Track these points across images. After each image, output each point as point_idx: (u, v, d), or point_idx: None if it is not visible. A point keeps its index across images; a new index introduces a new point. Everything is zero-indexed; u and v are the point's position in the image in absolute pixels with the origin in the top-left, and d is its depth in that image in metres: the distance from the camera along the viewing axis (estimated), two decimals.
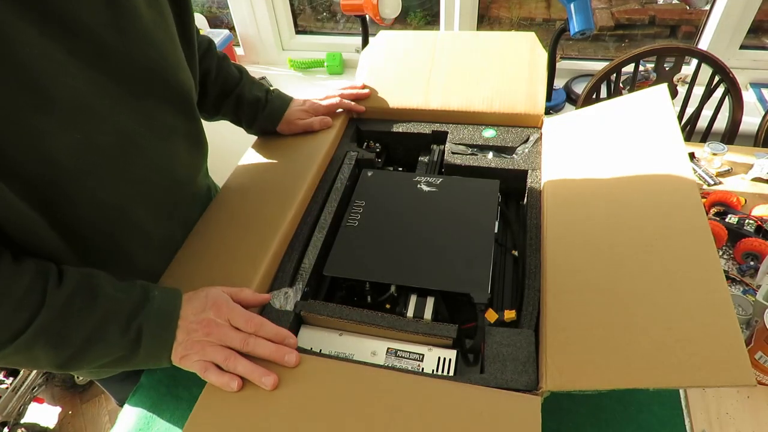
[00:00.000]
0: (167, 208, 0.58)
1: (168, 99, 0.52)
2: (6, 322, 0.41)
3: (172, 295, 0.49)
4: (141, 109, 0.48)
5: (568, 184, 0.61)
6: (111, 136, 0.45)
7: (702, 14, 1.49)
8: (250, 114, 0.75)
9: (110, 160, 0.46)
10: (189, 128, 0.57)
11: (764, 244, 0.76)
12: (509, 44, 0.83)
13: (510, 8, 1.89)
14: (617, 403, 0.53)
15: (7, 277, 0.41)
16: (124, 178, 0.49)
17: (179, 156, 0.56)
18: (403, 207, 0.64)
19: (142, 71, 0.47)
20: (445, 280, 0.54)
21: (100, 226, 0.49)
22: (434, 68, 0.83)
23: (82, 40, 0.41)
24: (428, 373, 0.48)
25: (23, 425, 1.42)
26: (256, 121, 0.76)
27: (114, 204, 0.49)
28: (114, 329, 0.45)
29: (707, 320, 0.40)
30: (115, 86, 0.45)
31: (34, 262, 0.44)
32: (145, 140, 0.50)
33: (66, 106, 0.41)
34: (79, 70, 0.41)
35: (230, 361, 0.45)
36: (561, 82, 1.64)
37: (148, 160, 0.51)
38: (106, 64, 0.43)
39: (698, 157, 1.01)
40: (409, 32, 0.90)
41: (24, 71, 0.37)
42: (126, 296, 0.47)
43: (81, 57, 0.41)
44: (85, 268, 0.47)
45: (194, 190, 0.64)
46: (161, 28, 0.49)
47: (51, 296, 0.43)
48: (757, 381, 0.62)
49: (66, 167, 0.42)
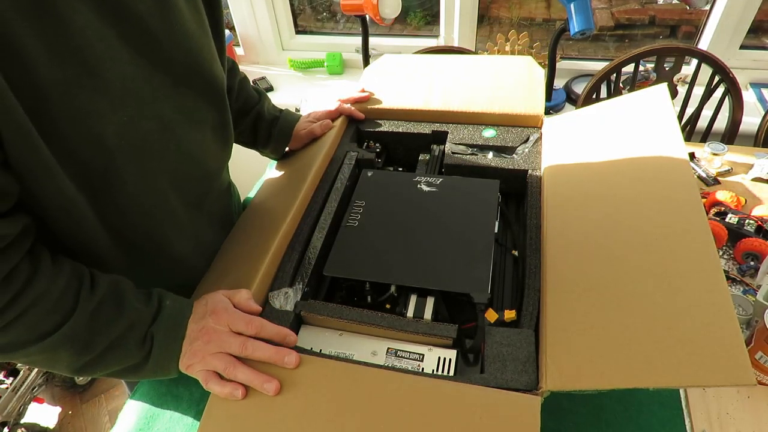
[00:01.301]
0: (197, 199, 0.59)
1: (202, 90, 0.53)
2: (37, 323, 0.41)
3: (182, 305, 0.50)
4: (178, 98, 0.49)
5: (569, 183, 0.61)
6: (153, 121, 0.46)
7: (702, 14, 1.49)
8: (266, 130, 0.77)
9: (150, 145, 0.47)
10: (219, 120, 0.58)
11: (764, 244, 0.76)
12: (508, 65, 0.85)
13: (510, 8, 1.89)
14: (617, 403, 0.53)
15: (48, 277, 0.42)
16: (162, 165, 0.50)
17: (209, 148, 0.57)
18: (403, 207, 0.64)
19: (181, 61, 0.48)
20: (445, 280, 0.54)
21: (139, 210, 0.50)
22: (434, 82, 0.84)
23: (132, 25, 0.42)
24: (428, 373, 0.48)
25: (23, 425, 1.42)
26: (270, 139, 0.77)
27: (152, 189, 0.50)
28: (133, 338, 0.46)
29: (707, 320, 0.40)
30: (156, 73, 0.46)
31: (69, 264, 0.45)
32: (181, 129, 0.50)
33: (117, 87, 0.42)
34: (129, 55, 0.42)
35: (230, 370, 0.45)
36: (561, 82, 1.64)
37: (182, 149, 0.52)
38: (150, 51, 0.45)
39: (698, 157, 1.01)
40: (411, 56, 0.92)
41: (83, 53, 0.38)
42: (145, 307, 0.47)
43: (130, 42, 0.42)
44: (110, 275, 0.48)
45: (220, 183, 0.65)
46: (197, 22, 0.50)
47: (83, 301, 0.43)
48: (758, 381, 0.62)
49: (112, 149, 0.43)
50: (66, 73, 0.38)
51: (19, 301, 0.40)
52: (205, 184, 0.60)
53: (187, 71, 0.49)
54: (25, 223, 0.42)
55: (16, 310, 0.40)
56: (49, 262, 0.43)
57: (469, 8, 1.57)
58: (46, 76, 0.37)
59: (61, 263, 0.45)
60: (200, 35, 0.50)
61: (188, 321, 0.48)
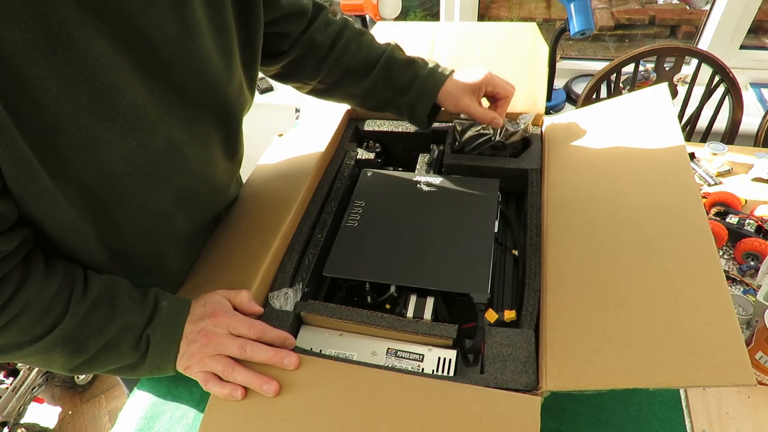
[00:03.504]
0: (203, 215, 0.59)
1: (212, 111, 0.52)
2: (30, 328, 0.42)
3: (179, 306, 0.49)
4: (187, 118, 0.48)
5: (569, 183, 0.61)
6: (161, 143, 0.46)
7: (702, 14, 1.49)
8: (407, 75, 0.67)
9: (158, 167, 0.47)
10: (227, 135, 0.57)
11: (764, 244, 0.76)
12: (510, 37, 0.83)
13: (510, 8, 1.89)
14: (617, 403, 0.53)
15: (39, 283, 0.42)
16: (168, 186, 0.49)
17: (217, 164, 0.57)
18: (402, 207, 0.64)
19: (195, 83, 0.47)
20: (445, 280, 0.54)
21: (141, 229, 0.50)
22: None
23: (147, 52, 0.41)
24: (428, 373, 0.48)
25: (23, 425, 1.42)
26: (416, 80, 0.67)
27: (156, 209, 0.50)
28: (127, 340, 0.46)
29: (707, 320, 0.40)
30: (167, 95, 0.45)
31: (63, 267, 0.45)
32: (189, 149, 0.50)
33: (128, 114, 0.41)
34: (141, 80, 0.42)
35: (228, 372, 0.45)
36: (561, 82, 1.64)
37: (190, 168, 0.51)
38: (165, 74, 0.44)
39: (698, 157, 1.01)
40: (407, 23, 0.90)
41: (94, 81, 0.38)
42: (140, 308, 0.47)
43: (144, 67, 0.42)
44: (106, 276, 0.48)
45: (227, 196, 0.65)
46: (221, 45, 0.49)
47: (74, 305, 0.44)
48: (758, 381, 0.62)
49: (119, 174, 0.43)
50: (75, 102, 0.37)
51: (10, 306, 0.40)
52: (212, 199, 0.60)
53: (200, 92, 0.48)
54: (23, 236, 0.42)
55: (8, 315, 0.40)
56: (42, 267, 0.43)
57: (469, 8, 1.57)
58: (55, 106, 0.36)
59: (55, 266, 0.45)
60: (220, 59, 0.49)
61: (185, 322, 0.48)
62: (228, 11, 0.49)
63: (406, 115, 0.71)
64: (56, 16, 0.34)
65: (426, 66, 0.69)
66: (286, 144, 0.77)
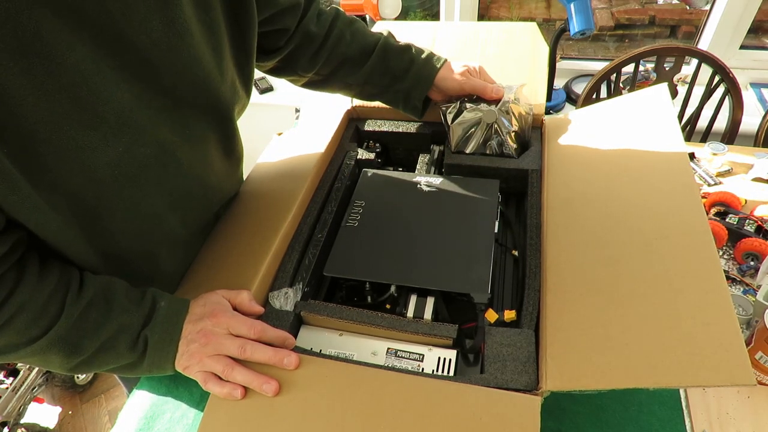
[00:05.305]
0: (198, 214, 0.58)
1: (205, 110, 0.51)
2: (25, 329, 0.42)
3: (177, 306, 0.49)
4: (179, 119, 0.48)
5: (569, 183, 0.61)
6: (150, 147, 0.45)
7: (702, 14, 1.49)
8: (403, 61, 0.68)
9: (147, 171, 0.46)
10: (224, 136, 0.56)
11: (764, 244, 0.76)
12: (510, 37, 0.83)
13: (510, 8, 1.89)
14: (617, 403, 0.53)
15: (33, 285, 0.42)
16: (159, 189, 0.49)
17: (213, 163, 0.56)
18: (403, 207, 0.64)
19: (186, 85, 0.47)
20: (445, 280, 0.54)
21: (132, 233, 0.50)
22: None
23: (132, 56, 0.41)
24: (428, 373, 0.48)
25: (23, 425, 1.42)
26: (413, 66, 0.68)
27: (148, 213, 0.49)
28: (124, 340, 0.46)
29: (707, 320, 0.40)
30: (157, 97, 0.44)
31: (58, 268, 0.45)
32: (181, 150, 0.49)
33: (112, 120, 0.40)
34: (128, 84, 0.41)
35: (228, 372, 0.45)
36: (561, 82, 1.64)
37: (183, 170, 0.50)
38: (153, 77, 0.43)
39: (698, 157, 1.01)
40: (407, 23, 0.90)
41: (75, 89, 0.37)
42: (137, 308, 0.47)
43: (129, 71, 0.41)
44: (102, 276, 0.48)
45: (223, 195, 0.64)
46: (210, 43, 0.48)
47: (69, 307, 0.43)
48: (758, 381, 0.62)
49: (105, 180, 0.42)
50: (55, 110, 0.36)
51: (5, 308, 0.40)
52: (207, 199, 0.59)
53: (191, 93, 0.48)
54: (15, 239, 0.41)
55: (3, 317, 0.40)
56: (36, 269, 0.43)
57: (469, 8, 1.57)
58: (33, 115, 0.35)
59: (50, 268, 0.44)
60: (211, 59, 0.48)
61: (184, 322, 0.48)
62: (216, 10, 0.48)
63: (401, 102, 0.72)
64: (29, 24, 0.33)
65: (422, 52, 0.70)
66: (286, 143, 0.77)
